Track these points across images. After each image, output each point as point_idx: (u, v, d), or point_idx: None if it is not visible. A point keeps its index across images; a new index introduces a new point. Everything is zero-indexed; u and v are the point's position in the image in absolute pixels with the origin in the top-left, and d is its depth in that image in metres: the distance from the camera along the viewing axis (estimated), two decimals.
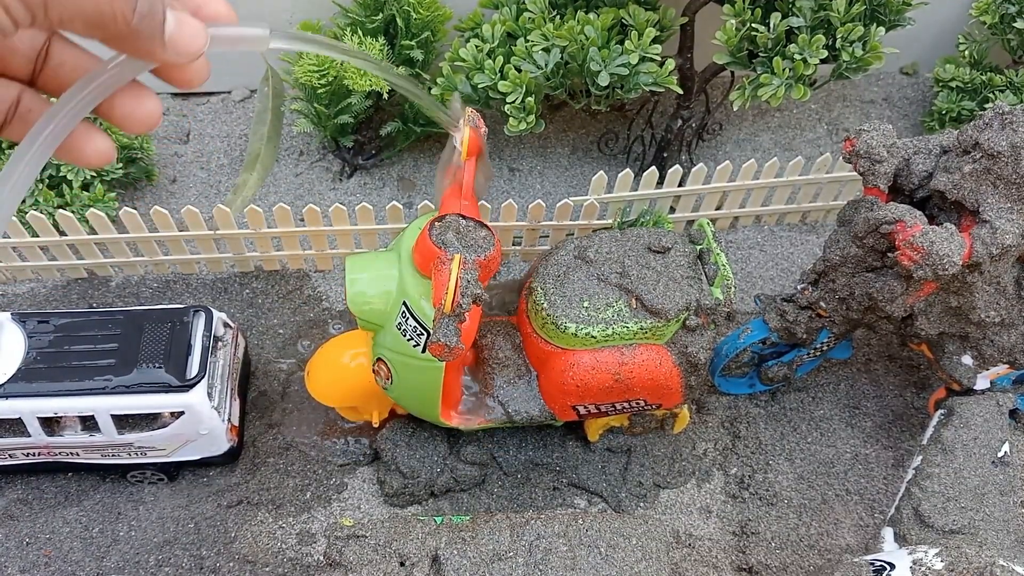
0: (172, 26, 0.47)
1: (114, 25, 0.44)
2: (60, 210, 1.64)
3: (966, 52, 1.99)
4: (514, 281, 1.77)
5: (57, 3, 0.42)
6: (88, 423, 1.40)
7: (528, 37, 1.64)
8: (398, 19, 1.76)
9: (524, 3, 1.69)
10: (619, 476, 1.58)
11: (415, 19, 1.77)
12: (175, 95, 2.08)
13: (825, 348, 1.56)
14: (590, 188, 1.71)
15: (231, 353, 1.54)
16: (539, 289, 1.37)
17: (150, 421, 1.42)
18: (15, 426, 1.39)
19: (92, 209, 1.64)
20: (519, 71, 1.63)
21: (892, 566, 1.23)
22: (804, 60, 1.57)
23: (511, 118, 1.64)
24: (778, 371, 1.61)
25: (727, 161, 1.76)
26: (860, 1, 1.58)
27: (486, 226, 1.25)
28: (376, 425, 1.52)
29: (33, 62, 0.52)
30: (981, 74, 1.94)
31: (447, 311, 1.12)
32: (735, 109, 1.67)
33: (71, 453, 1.46)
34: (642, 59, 1.59)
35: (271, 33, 0.53)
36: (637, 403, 1.43)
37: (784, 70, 1.58)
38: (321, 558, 1.47)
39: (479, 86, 1.66)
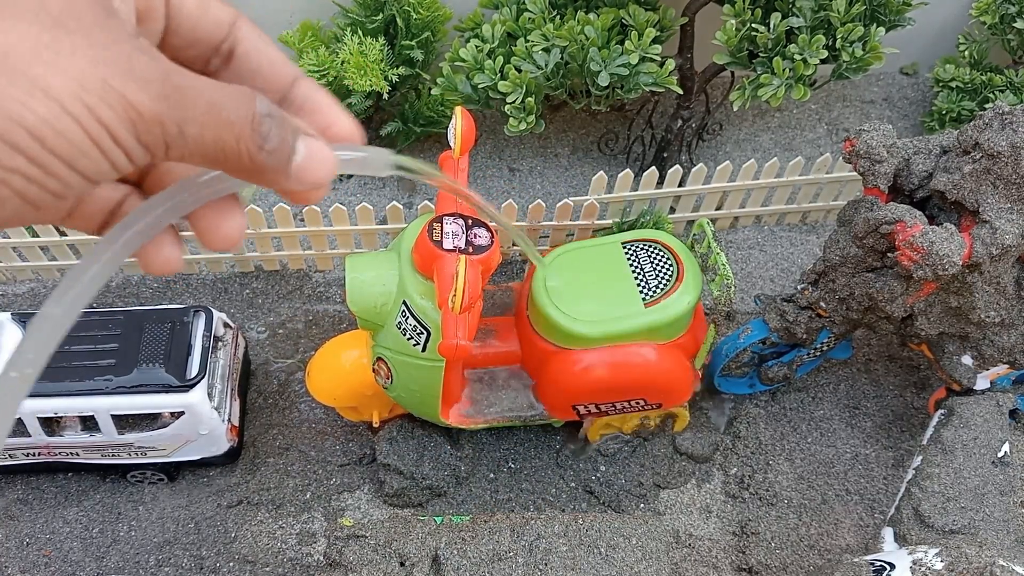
0: (301, 157, 0.43)
1: (237, 162, 0.41)
2: None
3: (966, 52, 1.99)
4: (514, 282, 1.77)
5: (179, 145, 0.39)
6: (88, 423, 1.40)
7: (528, 37, 1.64)
8: (398, 19, 1.76)
9: (524, 3, 1.69)
10: (619, 476, 1.58)
11: (415, 19, 1.77)
12: None
13: (825, 348, 1.56)
14: (590, 188, 1.71)
15: (231, 353, 1.54)
16: (539, 289, 1.37)
17: (150, 421, 1.43)
18: (15, 426, 1.39)
19: None
20: (519, 71, 1.63)
21: (892, 566, 1.23)
22: (804, 60, 1.57)
23: (511, 118, 1.64)
24: (778, 371, 1.61)
25: (727, 161, 1.76)
26: (860, 1, 1.58)
27: (485, 224, 1.25)
28: (376, 425, 1.52)
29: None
30: (981, 74, 1.94)
31: (456, 311, 1.12)
32: (735, 109, 1.67)
33: (71, 453, 1.46)
34: (642, 59, 1.59)
35: (393, 160, 0.49)
36: (637, 403, 1.44)
37: (784, 70, 1.58)
38: (321, 558, 1.47)
39: (479, 86, 1.66)
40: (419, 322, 1.25)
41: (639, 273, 1.38)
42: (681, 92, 1.76)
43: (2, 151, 0.35)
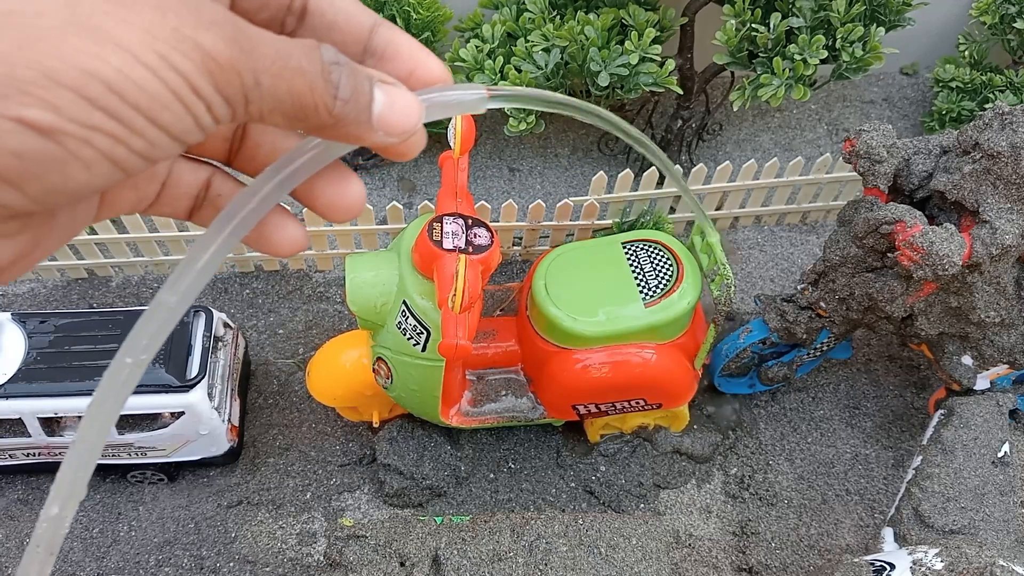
0: (381, 106, 0.41)
1: (316, 116, 0.40)
2: None
3: (966, 52, 1.99)
4: (514, 282, 1.77)
5: (257, 98, 0.38)
6: None
7: (528, 37, 1.64)
8: (398, 19, 1.76)
9: (524, 3, 1.69)
10: (619, 476, 1.58)
11: (415, 19, 1.77)
12: None
13: (825, 348, 1.56)
14: (590, 188, 1.71)
15: (231, 353, 1.54)
16: (540, 289, 1.37)
17: (150, 421, 1.43)
18: (15, 426, 1.39)
19: None
20: (519, 71, 1.63)
21: (892, 566, 1.23)
22: (804, 60, 1.57)
23: (511, 118, 1.64)
24: (778, 371, 1.61)
25: (727, 161, 1.76)
26: (860, 1, 1.58)
27: (485, 224, 1.25)
28: (376, 425, 1.52)
29: (229, 141, 0.48)
30: (981, 74, 1.94)
31: (456, 311, 1.12)
32: (735, 109, 1.67)
33: None
34: (642, 59, 1.59)
35: (488, 92, 0.46)
36: (637, 403, 1.44)
37: (784, 70, 1.58)
38: (321, 558, 1.47)
39: None
40: (419, 322, 1.25)
41: (639, 273, 1.38)
42: (681, 92, 1.76)
43: (80, 107, 0.33)
